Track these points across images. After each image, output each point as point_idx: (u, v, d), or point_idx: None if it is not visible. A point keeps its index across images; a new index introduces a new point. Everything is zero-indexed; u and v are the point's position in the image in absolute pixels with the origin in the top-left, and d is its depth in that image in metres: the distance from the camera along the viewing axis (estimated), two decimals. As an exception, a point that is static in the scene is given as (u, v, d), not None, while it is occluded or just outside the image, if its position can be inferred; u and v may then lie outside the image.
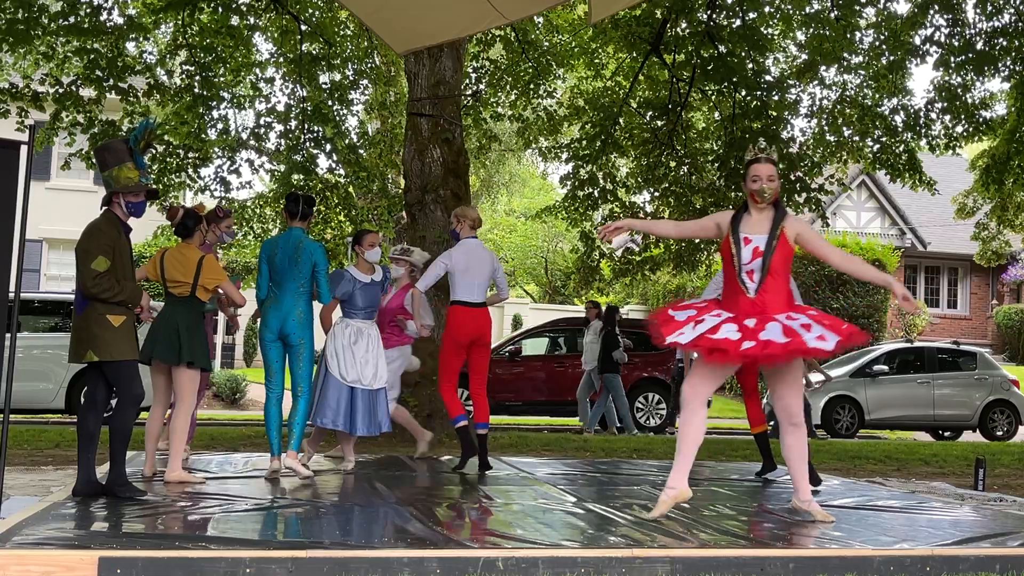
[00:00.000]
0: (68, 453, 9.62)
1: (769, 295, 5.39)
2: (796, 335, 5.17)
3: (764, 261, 5.37)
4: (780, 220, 5.49)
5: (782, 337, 5.18)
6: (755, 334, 5.21)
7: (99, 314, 5.91)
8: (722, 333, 5.24)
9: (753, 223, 5.51)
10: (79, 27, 12.77)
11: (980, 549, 5.09)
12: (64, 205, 24.00)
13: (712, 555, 4.73)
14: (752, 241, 5.43)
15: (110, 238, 5.97)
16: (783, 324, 5.25)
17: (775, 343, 5.16)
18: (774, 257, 5.39)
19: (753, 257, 5.40)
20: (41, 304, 15.11)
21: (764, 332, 5.22)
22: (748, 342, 5.19)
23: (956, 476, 10.45)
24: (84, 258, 5.92)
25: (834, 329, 5.26)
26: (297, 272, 7.45)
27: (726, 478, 8.34)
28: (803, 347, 5.17)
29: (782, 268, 5.45)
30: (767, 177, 5.48)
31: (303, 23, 14.56)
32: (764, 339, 5.18)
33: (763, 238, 5.42)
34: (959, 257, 30.94)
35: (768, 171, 5.51)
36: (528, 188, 39.51)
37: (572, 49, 16.60)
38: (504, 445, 11.79)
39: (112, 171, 6.07)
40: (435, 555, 4.48)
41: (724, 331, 5.25)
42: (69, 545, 4.37)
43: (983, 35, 13.74)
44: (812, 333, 5.20)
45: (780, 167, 14.23)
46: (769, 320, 5.29)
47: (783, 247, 5.43)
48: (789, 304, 5.49)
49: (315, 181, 14.71)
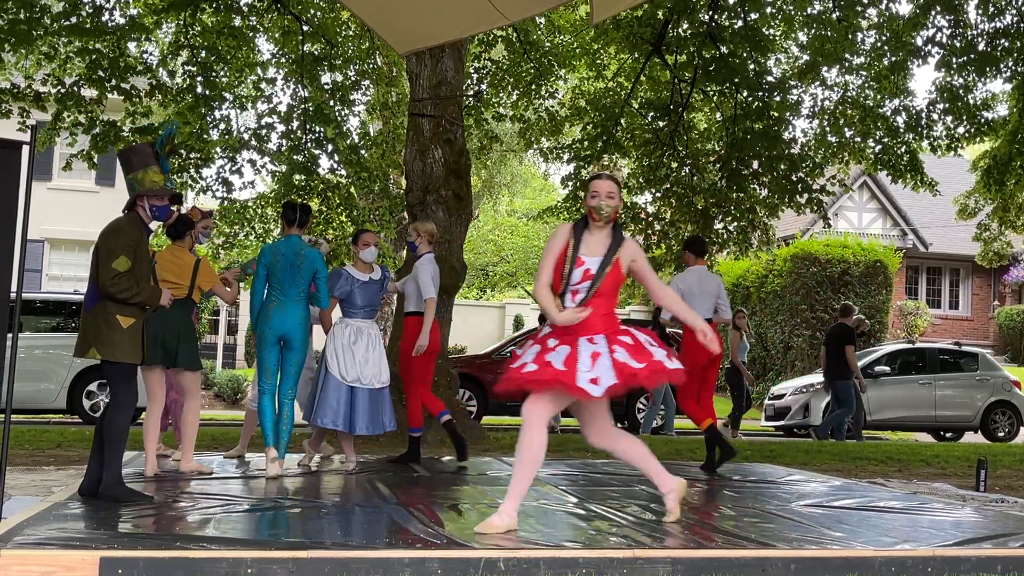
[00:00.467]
0: (69, 453, 9.63)
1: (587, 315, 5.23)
2: (574, 368, 5.02)
3: (592, 284, 5.25)
4: (617, 246, 5.36)
5: (560, 365, 5.05)
6: (543, 356, 5.12)
7: (109, 313, 5.90)
8: (523, 358, 5.18)
9: (591, 244, 5.35)
10: (81, 27, 12.79)
11: (982, 550, 5.09)
12: (66, 205, 24.02)
13: (714, 556, 4.73)
14: (585, 263, 5.29)
15: (133, 239, 5.98)
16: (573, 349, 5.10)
17: (551, 369, 5.05)
18: (604, 282, 5.28)
19: (582, 279, 5.27)
20: (43, 304, 15.12)
21: (552, 354, 5.10)
22: (532, 365, 5.10)
23: (957, 477, 10.44)
24: (107, 256, 5.90)
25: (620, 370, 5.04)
26: (300, 279, 7.55)
27: (727, 478, 8.34)
28: (571, 383, 5.00)
29: (609, 292, 5.34)
30: (606, 194, 5.35)
31: (305, 23, 14.57)
32: (546, 360, 5.08)
33: (597, 261, 5.30)
34: (961, 258, 30.92)
35: (608, 188, 5.39)
36: (530, 188, 39.52)
37: (574, 50, 16.60)
38: (505, 446, 11.78)
39: (137, 174, 6.08)
40: (436, 556, 4.48)
41: (524, 357, 5.19)
42: (70, 545, 4.37)
43: (985, 36, 13.74)
44: (591, 372, 5.01)
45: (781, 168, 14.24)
46: (565, 343, 5.16)
47: (615, 273, 5.32)
48: (606, 326, 5.28)
49: (316, 181, 14.72)
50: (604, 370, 5.03)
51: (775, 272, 24.74)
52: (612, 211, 5.34)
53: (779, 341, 24.64)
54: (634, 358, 5.11)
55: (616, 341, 5.17)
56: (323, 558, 4.36)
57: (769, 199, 15.00)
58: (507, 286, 37.91)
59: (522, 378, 5.08)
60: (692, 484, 7.76)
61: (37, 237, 23.99)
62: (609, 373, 5.02)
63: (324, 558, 4.36)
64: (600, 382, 4.99)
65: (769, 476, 8.62)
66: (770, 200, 15.00)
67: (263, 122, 14.84)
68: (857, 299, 24.12)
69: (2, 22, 12.32)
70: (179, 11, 13.17)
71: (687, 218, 15.52)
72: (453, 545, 4.71)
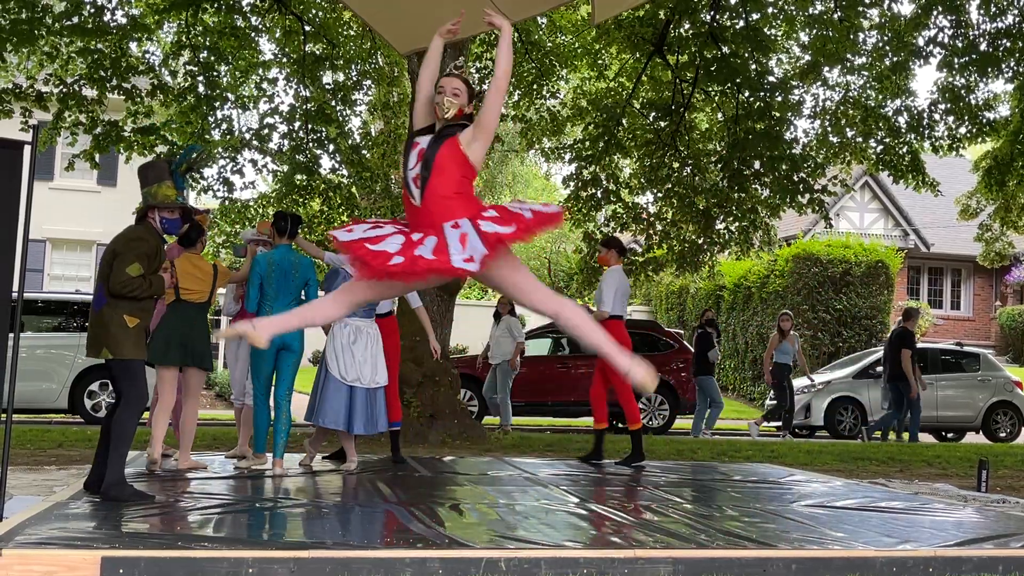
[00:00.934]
0: (71, 453, 9.64)
1: (435, 201, 4.79)
2: (445, 254, 4.56)
3: (426, 160, 4.82)
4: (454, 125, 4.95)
5: (430, 254, 4.57)
6: (411, 248, 4.62)
7: (116, 313, 6.04)
8: (382, 245, 4.64)
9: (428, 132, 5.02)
10: (83, 27, 12.80)
11: (983, 551, 5.09)
12: (67, 205, 24.03)
13: (715, 556, 4.73)
14: (419, 144, 4.91)
15: (151, 247, 6.15)
16: (441, 237, 4.65)
17: (423, 259, 4.54)
18: (438, 154, 4.81)
19: (417, 160, 4.86)
20: (44, 304, 15.13)
21: (420, 248, 4.61)
22: (398, 258, 4.58)
23: (959, 477, 10.44)
24: (121, 261, 6.03)
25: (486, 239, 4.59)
26: (293, 287, 7.77)
27: (728, 479, 8.34)
28: (447, 267, 4.55)
29: (450, 164, 4.81)
30: (451, 91, 5.00)
31: (306, 24, 14.57)
32: (416, 255, 4.57)
33: (427, 137, 4.93)
34: (962, 258, 30.90)
35: (453, 85, 5.03)
36: (531, 189, 39.51)
37: (575, 50, 16.60)
38: (506, 446, 11.79)
39: (151, 187, 6.25)
40: (437, 555, 4.48)
41: (385, 244, 4.65)
42: (72, 545, 4.37)
43: (987, 36, 13.74)
44: (464, 252, 4.56)
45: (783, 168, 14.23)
46: (432, 232, 4.70)
47: (451, 147, 4.84)
48: (467, 208, 4.80)
49: (318, 181, 14.72)
50: (474, 244, 4.61)
51: (777, 272, 24.74)
52: (456, 109, 4.94)
53: (781, 341, 24.61)
54: (501, 225, 4.70)
55: (480, 217, 4.75)
56: (324, 558, 4.36)
57: (771, 199, 15.00)
58: (508, 286, 37.88)
59: (391, 269, 4.55)
60: (692, 484, 7.76)
61: (39, 237, 24.00)
62: (479, 244, 4.60)
63: (325, 558, 4.36)
64: (475, 257, 4.56)
65: (770, 476, 8.62)
66: (772, 200, 15.00)
67: (265, 122, 14.85)
68: (858, 299, 24.14)
69: (4, 22, 12.34)
70: (181, 11, 13.18)
71: (688, 218, 15.52)
72: (454, 545, 4.71)
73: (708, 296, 27.66)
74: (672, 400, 17.29)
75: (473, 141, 4.88)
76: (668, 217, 15.96)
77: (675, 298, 29.58)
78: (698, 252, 15.81)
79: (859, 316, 24.17)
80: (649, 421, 17.06)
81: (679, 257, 15.88)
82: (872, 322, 24.32)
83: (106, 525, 5.02)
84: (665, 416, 17.21)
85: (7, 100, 13.00)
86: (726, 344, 26.86)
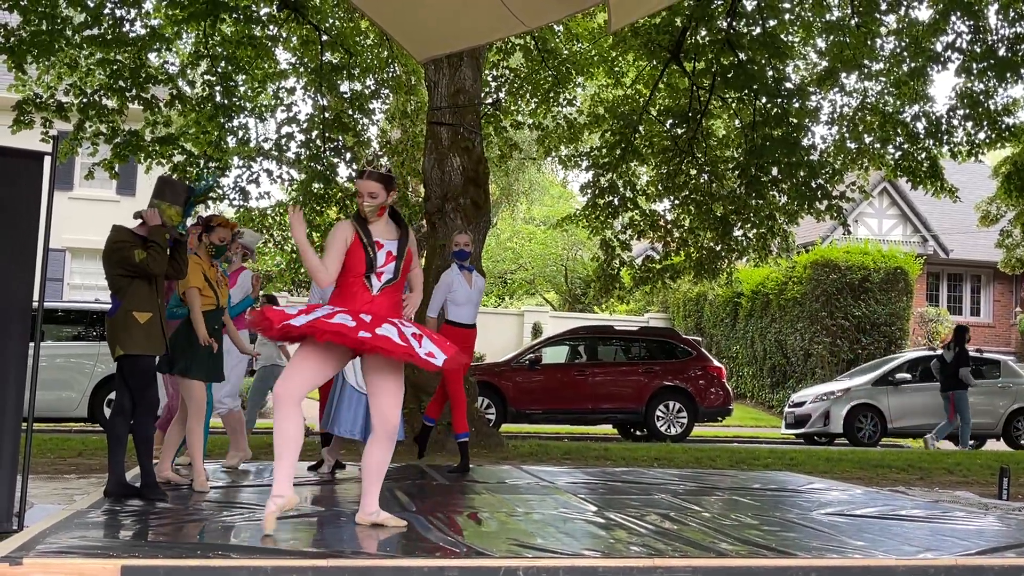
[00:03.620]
0: (91, 462, 9.68)
1: (387, 298, 5.38)
2: (409, 342, 5.15)
3: (396, 266, 5.40)
4: (407, 234, 5.54)
5: (399, 340, 5.13)
6: (372, 328, 5.14)
7: (126, 312, 6.14)
8: (337, 319, 5.14)
9: (380, 230, 5.46)
10: (102, 38, 12.89)
11: (1005, 559, 5.05)
12: (87, 215, 24.16)
13: (733, 564, 4.71)
14: (384, 246, 5.41)
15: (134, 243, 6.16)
16: (398, 329, 5.20)
17: (392, 341, 5.11)
18: (404, 265, 5.45)
19: (387, 261, 5.39)
20: (64, 313, 15.22)
21: (380, 328, 5.15)
22: (365, 332, 5.10)
23: (980, 485, 10.37)
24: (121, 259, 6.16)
25: (441, 346, 5.26)
26: None
27: (747, 487, 8.31)
28: (416, 356, 5.11)
29: (404, 279, 5.51)
30: (367, 194, 5.39)
31: (324, 33, 14.64)
32: (381, 334, 5.12)
33: (395, 244, 5.45)
34: (982, 264, 30.73)
35: (368, 188, 5.39)
36: (548, 196, 39.52)
37: (592, 57, 16.61)
38: (524, 454, 11.78)
39: (163, 205, 6.34)
40: (455, 564, 4.48)
41: (339, 318, 5.16)
42: (92, 553, 4.38)
43: (1005, 41, 13.68)
44: (423, 348, 5.17)
45: (801, 174, 14.20)
46: (384, 321, 5.23)
47: (408, 258, 5.50)
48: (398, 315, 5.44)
49: (335, 190, 14.77)
50: (431, 346, 5.22)
51: (795, 279, 24.67)
52: (378, 210, 5.40)
53: (799, 348, 24.55)
54: (439, 340, 5.35)
55: (418, 326, 5.38)
56: (343, 566, 4.36)
57: (788, 206, 14.97)
58: (525, 294, 37.91)
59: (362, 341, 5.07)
60: (711, 492, 7.74)
61: (59, 246, 24.13)
62: (437, 349, 5.22)
63: (344, 566, 4.36)
64: (436, 356, 5.18)
65: (790, 484, 8.58)
66: (789, 207, 14.97)
67: (282, 131, 14.92)
68: (877, 306, 24.03)
69: (25, 34, 12.43)
70: (199, 21, 13.26)
71: (706, 225, 15.50)
72: (472, 554, 4.70)
73: (726, 303, 27.60)
74: (690, 408, 17.24)
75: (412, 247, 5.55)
76: (685, 224, 15.95)
77: (693, 305, 29.52)
78: (716, 259, 15.78)
79: (878, 323, 24.06)
80: (667, 429, 17.03)
81: (697, 264, 15.86)
82: (891, 328, 24.21)
83: (126, 534, 5.04)
84: (683, 424, 17.16)
85: (28, 111, 13.09)
86: (744, 351, 26.79)
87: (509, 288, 37.17)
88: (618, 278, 16.32)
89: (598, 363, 17.99)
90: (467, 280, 8.63)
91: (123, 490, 6.19)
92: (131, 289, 6.19)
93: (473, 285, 8.69)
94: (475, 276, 8.76)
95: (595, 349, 18.42)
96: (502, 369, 17.31)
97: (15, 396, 5.91)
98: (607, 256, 16.00)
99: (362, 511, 5.54)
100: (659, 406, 17.16)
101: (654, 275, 16.31)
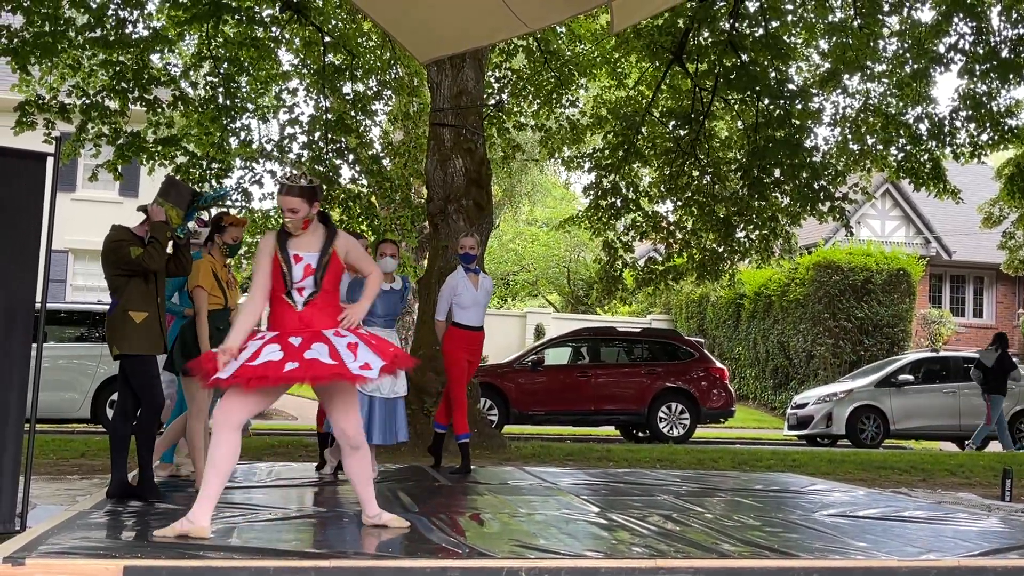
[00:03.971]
0: (94, 463, 9.69)
1: (317, 310, 5.26)
2: (340, 359, 5.04)
3: (315, 278, 5.27)
4: (332, 239, 5.39)
5: (328, 359, 5.03)
6: (299, 354, 5.03)
7: (122, 311, 6.18)
8: (264, 357, 5.03)
9: (302, 242, 5.35)
10: (105, 40, 12.89)
11: (1007, 560, 5.05)
12: (90, 216, 24.13)
13: (736, 566, 4.71)
14: (303, 259, 5.30)
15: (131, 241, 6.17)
16: (330, 344, 5.11)
17: (320, 364, 5.00)
18: (326, 275, 5.31)
19: (304, 275, 5.28)
20: (67, 314, 15.22)
21: (309, 351, 5.05)
22: (291, 363, 4.99)
23: (983, 487, 10.37)
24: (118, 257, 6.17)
25: (380, 353, 5.16)
26: None
27: (750, 488, 8.30)
28: (347, 374, 5.02)
29: (332, 287, 5.36)
30: (288, 211, 5.31)
31: (326, 35, 14.64)
32: (309, 359, 5.01)
33: (315, 256, 5.32)
34: (985, 266, 30.70)
35: (288, 204, 5.31)
36: (551, 198, 39.50)
37: (594, 58, 16.60)
38: (527, 455, 11.78)
39: (167, 205, 6.37)
40: (458, 565, 4.48)
41: (265, 354, 5.05)
42: (94, 554, 4.39)
43: (1008, 43, 13.67)
44: (357, 360, 5.06)
45: (803, 176, 14.19)
46: (316, 339, 5.13)
47: (334, 265, 5.36)
48: (336, 316, 5.33)
49: (337, 191, 14.77)
50: (368, 355, 5.11)
51: (797, 281, 24.66)
52: (299, 223, 5.30)
53: (802, 350, 24.54)
54: (380, 344, 5.25)
55: (357, 334, 5.26)
56: (345, 567, 4.36)
57: (791, 207, 14.97)
58: (528, 295, 37.90)
59: (290, 376, 4.98)
60: (713, 494, 7.73)
61: (61, 247, 24.14)
62: (375, 357, 5.11)
63: (346, 567, 4.36)
64: (372, 366, 5.07)
65: (792, 486, 8.58)
66: (792, 208, 14.96)
67: (285, 132, 14.92)
68: (880, 307, 24.02)
69: (28, 35, 12.44)
70: (201, 23, 13.26)
71: (709, 227, 15.49)
72: (475, 554, 4.71)
73: (728, 305, 27.59)
74: (693, 409, 17.24)
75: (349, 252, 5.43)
76: (688, 226, 15.94)
77: (695, 307, 29.52)
78: (718, 260, 15.77)
79: (881, 324, 24.05)
80: (670, 430, 17.02)
81: (699, 266, 15.85)
82: (894, 330, 24.19)
83: (128, 534, 5.04)
84: (686, 425, 17.15)
85: (30, 112, 13.10)
86: (746, 353, 26.78)
87: (511, 290, 37.18)
88: (621, 279, 16.31)
89: (600, 364, 17.99)
90: (473, 283, 8.63)
91: (126, 491, 6.20)
92: (128, 288, 6.20)
93: (480, 287, 8.69)
94: (482, 278, 8.76)
95: (597, 350, 18.42)
96: (504, 370, 17.31)
97: (18, 397, 5.92)
98: (610, 257, 15.99)
99: (365, 516, 5.56)
100: (661, 407, 17.16)
101: (657, 276, 16.29)
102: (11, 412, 5.87)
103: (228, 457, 5.07)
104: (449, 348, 8.59)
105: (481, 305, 8.69)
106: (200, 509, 4.98)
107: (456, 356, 8.56)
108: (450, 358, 8.57)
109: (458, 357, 8.56)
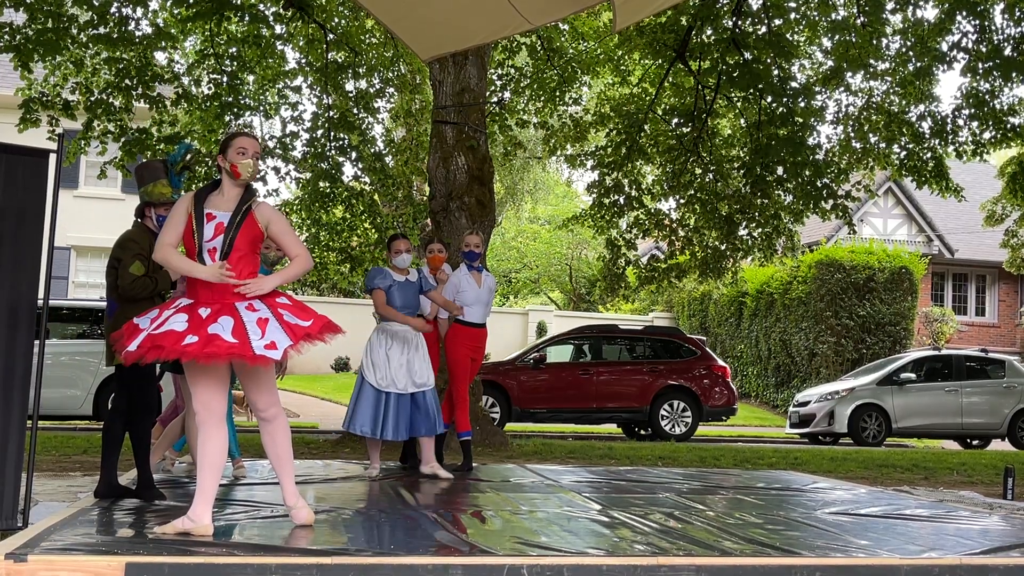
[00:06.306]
0: (96, 459, 9.67)
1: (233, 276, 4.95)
2: (245, 336, 4.75)
3: (226, 237, 4.97)
4: (249, 199, 5.08)
5: (229, 336, 4.74)
6: (204, 327, 4.74)
7: (124, 317, 6.03)
8: (167, 326, 4.75)
9: (219, 201, 5.08)
10: (108, 37, 12.89)
11: (1009, 559, 5.04)
12: (92, 213, 24.20)
13: (738, 563, 4.71)
14: (216, 217, 5.01)
15: (142, 246, 6.10)
16: (238, 318, 4.83)
17: (220, 341, 4.69)
18: (239, 235, 4.99)
19: (215, 234, 4.99)
20: (69, 311, 15.23)
21: (214, 325, 4.76)
22: (192, 336, 4.70)
23: (985, 485, 10.36)
24: (123, 266, 6.08)
25: (292, 331, 4.84)
26: None
27: (752, 486, 8.30)
28: (247, 354, 4.71)
29: (248, 249, 5.02)
30: (253, 153, 5.09)
31: (329, 32, 14.64)
32: (211, 333, 4.72)
33: (227, 215, 5.03)
34: (987, 264, 30.69)
35: (255, 147, 5.12)
36: (553, 195, 39.52)
37: (597, 56, 16.60)
38: (529, 452, 11.79)
39: (148, 187, 6.27)
40: (460, 562, 4.48)
41: (170, 323, 4.77)
42: (96, 551, 4.39)
43: (1011, 41, 13.64)
44: (264, 339, 4.77)
45: (806, 174, 14.20)
46: (225, 311, 4.85)
47: (250, 227, 5.03)
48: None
49: (340, 188, 14.77)
50: (276, 333, 4.83)
51: (800, 279, 24.65)
52: (255, 171, 5.09)
53: (804, 348, 24.53)
54: (300, 317, 4.96)
55: (277, 304, 4.98)
56: (347, 564, 4.37)
57: (794, 205, 14.96)
58: (530, 293, 37.91)
59: (185, 350, 4.68)
60: (715, 491, 7.73)
61: (64, 244, 24.17)
62: (282, 335, 4.83)
63: (348, 564, 4.37)
64: (278, 345, 4.78)
65: (794, 483, 8.58)
66: (795, 206, 14.95)
67: (288, 130, 14.93)
68: (882, 305, 24.00)
69: (31, 32, 12.45)
70: (205, 20, 13.26)
71: (711, 224, 15.49)
72: (477, 552, 4.71)
73: (731, 302, 27.59)
74: (695, 407, 17.25)
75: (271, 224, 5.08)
76: (691, 223, 15.94)
77: (697, 305, 29.51)
78: (721, 258, 15.78)
79: (883, 322, 24.04)
80: (672, 428, 17.03)
81: (702, 263, 15.85)
82: (896, 328, 24.18)
83: (131, 531, 5.05)
84: (688, 423, 17.16)
85: (34, 109, 13.11)
86: (748, 351, 26.78)
87: (514, 287, 37.19)
88: (623, 277, 16.32)
89: (603, 362, 17.99)
90: (476, 280, 8.62)
91: (113, 492, 6.14)
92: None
93: (483, 285, 8.68)
94: (485, 276, 8.74)
95: (599, 348, 18.42)
96: (506, 368, 17.32)
97: (20, 394, 5.92)
98: (612, 255, 15.99)
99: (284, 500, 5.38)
100: (663, 405, 17.17)
101: (659, 274, 16.30)
102: (13, 409, 5.87)
103: (219, 451, 5.02)
104: (452, 346, 8.58)
105: (484, 303, 8.68)
106: (200, 507, 4.96)
107: (459, 354, 8.55)
108: (453, 356, 8.56)
109: (461, 355, 8.56)
